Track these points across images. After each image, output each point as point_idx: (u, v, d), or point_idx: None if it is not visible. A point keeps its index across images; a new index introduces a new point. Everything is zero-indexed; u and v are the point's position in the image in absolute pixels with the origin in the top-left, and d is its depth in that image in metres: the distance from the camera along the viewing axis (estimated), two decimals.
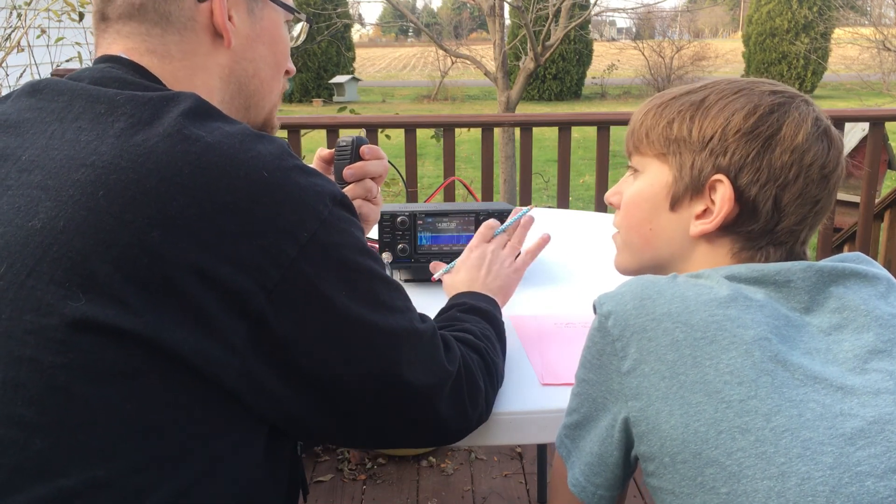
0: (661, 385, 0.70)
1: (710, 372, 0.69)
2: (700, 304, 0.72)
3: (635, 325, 0.73)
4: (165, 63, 0.79)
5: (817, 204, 0.80)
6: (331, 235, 0.69)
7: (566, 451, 0.81)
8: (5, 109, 0.74)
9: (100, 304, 0.62)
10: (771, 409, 0.66)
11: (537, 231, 1.73)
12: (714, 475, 0.67)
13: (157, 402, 0.64)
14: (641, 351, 0.72)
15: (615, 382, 0.74)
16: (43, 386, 0.61)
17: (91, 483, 0.62)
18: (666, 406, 0.70)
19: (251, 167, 0.66)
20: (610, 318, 0.75)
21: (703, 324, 0.71)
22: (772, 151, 0.78)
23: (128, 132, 0.66)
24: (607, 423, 0.75)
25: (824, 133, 0.80)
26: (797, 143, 0.78)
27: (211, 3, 0.81)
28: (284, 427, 0.73)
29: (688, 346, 0.70)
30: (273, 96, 0.91)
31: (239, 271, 0.64)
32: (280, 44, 0.89)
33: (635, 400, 0.72)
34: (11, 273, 0.63)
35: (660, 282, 0.76)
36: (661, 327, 0.72)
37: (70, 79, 0.75)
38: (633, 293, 0.75)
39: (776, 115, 0.79)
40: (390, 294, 0.75)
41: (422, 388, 0.76)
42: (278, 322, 0.66)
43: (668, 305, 0.73)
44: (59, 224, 0.63)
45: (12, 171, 0.68)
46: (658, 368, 0.71)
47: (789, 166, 0.78)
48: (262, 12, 0.86)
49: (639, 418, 0.72)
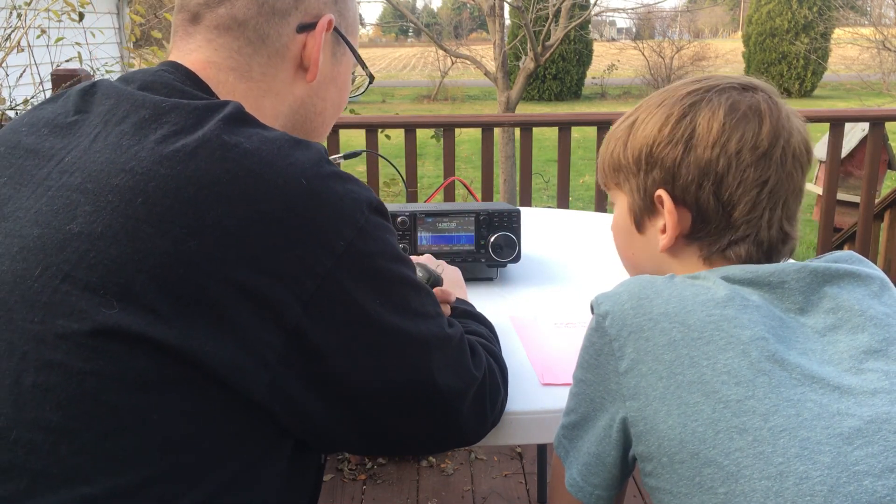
0: (659, 385, 0.70)
1: (708, 372, 0.69)
2: (697, 304, 0.72)
3: (632, 324, 0.73)
4: (242, 82, 0.79)
5: (766, 184, 0.80)
6: (367, 244, 0.69)
7: (564, 452, 0.82)
8: (55, 109, 0.75)
9: (133, 312, 0.61)
10: (768, 408, 0.67)
11: (537, 231, 1.74)
12: (712, 475, 0.67)
13: (184, 412, 0.63)
14: (639, 351, 0.72)
15: (612, 382, 0.74)
16: (71, 391, 0.61)
17: (115, 491, 0.62)
18: (663, 406, 0.70)
19: (290, 175, 0.66)
20: (607, 318, 0.75)
21: (700, 324, 0.71)
22: (693, 152, 0.80)
23: (169, 139, 0.66)
24: (605, 423, 0.75)
25: (748, 114, 0.80)
26: (713, 136, 0.79)
27: (307, 36, 0.82)
28: (308, 439, 0.73)
29: (685, 346, 0.70)
30: (324, 134, 0.93)
31: (275, 282, 0.64)
32: (346, 90, 0.92)
33: (633, 400, 0.72)
34: (46, 276, 0.63)
35: (657, 282, 0.76)
36: (659, 327, 0.72)
37: (122, 81, 0.75)
38: (631, 293, 0.76)
39: (689, 117, 0.81)
40: (422, 300, 0.75)
41: (451, 394, 0.76)
42: (314, 333, 0.66)
43: (665, 305, 0.73)
44: (96, 230, 0.63)
45: (54, 172, 0.69)
46: (655, 368, 0.71)
47: (715, 160, 0.79)
48: (342, 57, 0.89)
49: (636, 418, 0.72)
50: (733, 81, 0.83)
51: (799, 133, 0.81)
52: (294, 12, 0.81)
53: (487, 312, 1.06)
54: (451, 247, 1.38)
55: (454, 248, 1.37)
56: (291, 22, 0.81)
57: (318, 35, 0.82)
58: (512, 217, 1.37)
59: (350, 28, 0.89)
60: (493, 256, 1.36)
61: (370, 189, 0.72)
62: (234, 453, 0.66)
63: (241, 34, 0.79)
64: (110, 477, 0.62)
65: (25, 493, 0.61)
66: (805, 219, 5.53)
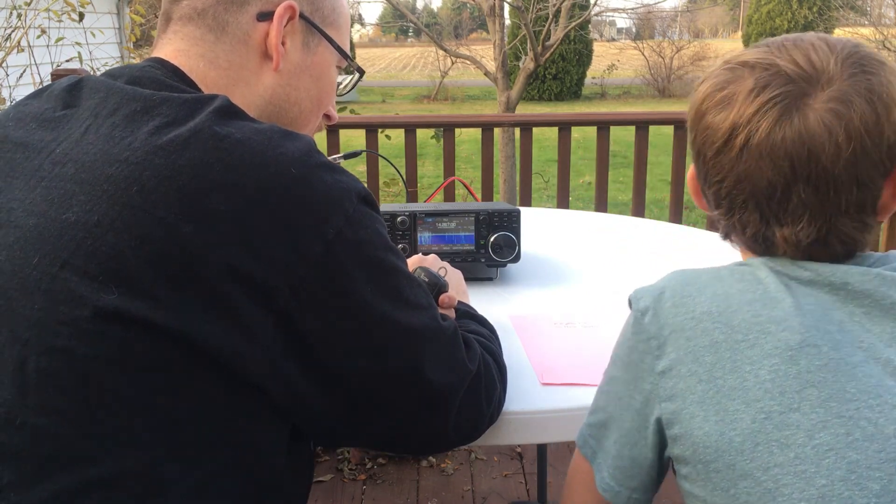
0: (698, 388, 0.66)
1: (750, 378, 0.64)
2: (743, 303, 0.67)
3: (674, 323, 0.69)
4: (210, 69, 0.81)
5: (721, 183, 0.72)
6: (356, 232, 0.70)
7: (590, 452, 0.78)
8: (41, 104, 0.76)
9: (131, 297, 0.63)
10: (815, 424, 0.61)
11: (537, 231, 1.74)
12: (748, 489, 0.63)
13: (184, 394, 0.65)
14: (679, 351, 0.68)
15: (648, 382, 0.71)
16: (75, 376, 0.63)
17: (120, 472, 0.63)
18: (701, 411, 0.66)
19: (279, 164, 0.68)
20: (647, 315, 0.71)
21: (744, 325, 0.66)
22: (690, 129, 0.77)
23: (161, 130, 0.68)
24: (638, 425, 0.72)
25: (723, 100, 0.72)
26: (692, 118, 0.75)
27: (269, 24, 0.83)
28: (304, 425, 0.74)
29: (727, 349, 0.66)
30: (308, 130, 0.92)
31: (266, 268, 0.65)
32: (326, 81, 0.91)
33: (669, 402, 0.69)
34: (45, 264, 0.65)
35: (702, 277, 0.72)
36: (701, 327, 0.68)
37: (108, 76, 0.77)
38: (673, 289, 0.71)
39: (697, 90, 0.77)
40: (413, 291, 0.76)
41: (442, 387, 0.76)
42: (303, 318, 0.67)
43: (708, 304, 0.68)
44: (93, 218, 0.65)
45: (45, 164, 0.70)
46: (695, 370, 0.67)
47: (692, 142, 0.76)
48: (316, 48, 0.88)
49: (672, 421, 0.69)
50: (767, 57, 0.71)
51: (778, 129, 0.68)
52: (254, 1, 0.82)
53: (487, 312, 1.06)
54: (451, 247, 1.38)
55: (454, 247, 1.38)
56: (250, 10, 0.82)
57: (276, 22, 0.82)
58: (512, 217, 1.37)
59: (327, 19, 0.89)
60: (493, 256, 1.36)
61: (359, 181, 0.73)
62: (234, 435, 0.68)
63: (202, 22, 0.81)
64: (115, 459, 0.63)
65: (32, 477, 0.63)
66: None
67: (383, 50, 52.05)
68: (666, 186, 5.45)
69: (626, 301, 0.77)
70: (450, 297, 1.01)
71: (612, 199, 6.74)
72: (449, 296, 1.01)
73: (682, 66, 19.16)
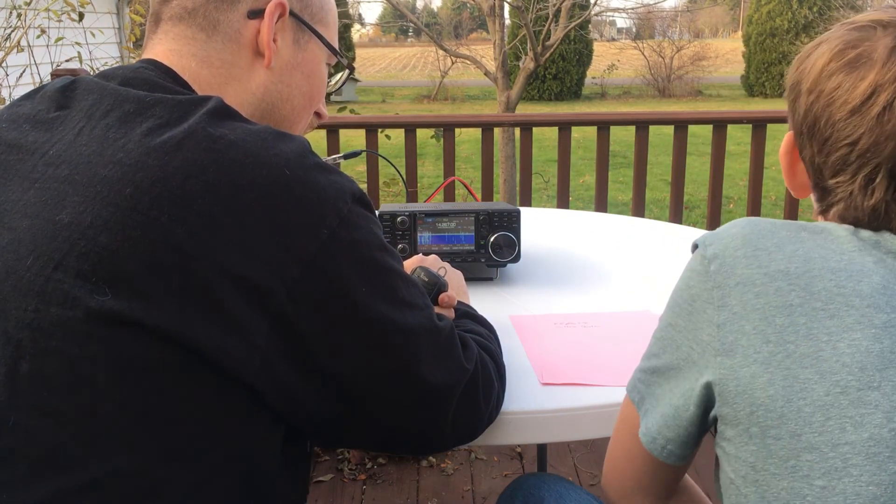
0: (764, 349, 0.63)
1: (827, 350, 0.61)
2: (826, 270, 0.63)
3: (743, 275, 0.65)
4: (203, 68, 0.81)
5: (855, 145, 0.69)
6: (350, 233, 0.70)
7: (639, 396, 0.76)
8: (34, 105, 0.76)
9: (125, 298, 0.63)
10: (895, 406, 0.58)
11: (537, 231, 1.74)
12: (811, 463, 0.60)
13: (178, 396, 0.65)
14: (745, 306, 0.65)
15: (705, 333, 0.67)
16: (68, 377, 0.63)
17: (113, 474, 0.63)
18: (766, 372, 0.62)
19: (273, 165, 0.67)
20: (714, 262, 0.68)
21: (825, 294, 0.62)
22: (800, 94, 0.74)
23: (155, 132, 0.68)
24: (691, 376, 0.69)
25: (855, 60, 0.70)
26: (811, 81, 0.73)
27: (259, 21, 0.83)
28: (300, 425, 0.74)
29: (803, 315, 0.62)
30: (299, 127, 0.92)
31: (261, 268, 0.65)
32: (317, 78, 0.91)
33: (726, 356, 0.65)
34: (38, 265, 0.65)
35: (780, 232, 0.68)
36: (774, 286, 0.64)
37: (101, 77, 0.77)
38: (747, 239, 0.68)
39: (812, 55, 0.75)
40: (409, 291, 0.76)
41: (439, 386, 0.76)
42: (298, 319, 0.67)
43: (786, 262, 0.64)
44: (86, 219, 0.64)
45: (39, 165, 0.70)
46: (763, 329, 0.63)
47: (809, 108, 0.73)
48: (306, 45, 0.89)
49: (727, 377, 0.65)
50: (891, 17, 0.71)
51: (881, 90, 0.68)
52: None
53: (487, 312, 1.06)
54: (451, 247, 1.38)
55: (454, 247, 1.38)
56: (241, 8, 0.82)
57: (268, 19, 0.83)
58: (512, 217, 1.37)
59: (316, 15, 0.89)
60: (493, 256, 1.36)
61: (354, 181, 0.73)
62: (228, 436, 0.68)
63: (193, 22, 0.82)
64: (108, 460, 0.63)
65: (25, 478, 0.63)
66: (805, 218, 5.53)
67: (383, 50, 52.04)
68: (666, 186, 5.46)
69: (625, 302, 0.76)
70: (449, 297, 1.01)
71: (612, 199, 6.74)
72: (448, 295, 1.01)
73: (682, 65, 19.16)
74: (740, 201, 6.97)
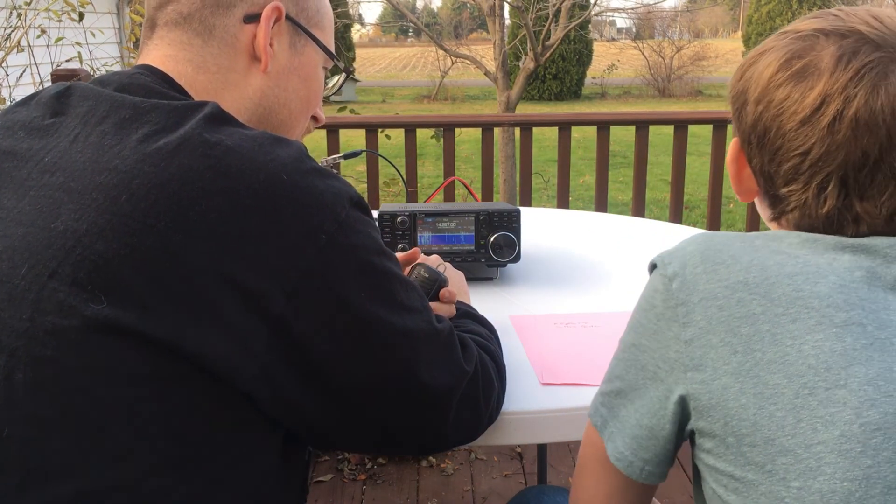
0: (733, 360, 0.64)
1: (792, 353, 0.61)
2: (783, 276, 0.64)
3: (705, 290, 0.66)
4: (199, 73, 0.81)
5: (806, 154, 0.70)
6: (349, 237, 0.70)
7: (601, 420, 0.76)
8: (29, 112, 0.75)
9: (121, 307, 0.62)
10: (862, 402, 0.59)
11: (537, 231, 1.74)
12: (787, 466, 0.60)
13: (175, 404, 0.64)
14: (710, 320, 0.65)
15: (672, 350, 0.68)
16: (63, 387, 0.62)
17: (109, 484, 0.63)
18: (736, 382, 0.63)
19: (270, 170, 0.67)
20: (675, 280, 0.68)
21: (785, 299, 0.63)
22: (747, 103, 0.75)
23: (151, 138, 0.67)
24: (660, 395, 0.69)
25: (803, 70, 0.70)
26: (759, 90, 0.73)
27: (255, 26, 0.83)
28: (299, 431, 0.73)
29: (766, 322, 0.63)
30: (297, 132, 0.92)
31: (259, 274, 0.64)
32: (314, 82, 0.91)
33: (697, 371, 0.66)
34: (33, 274, 0.64)
35: (733, 244, 0.69)
36: (736, 297, 0.65)
37: (96, 83, 0.76)
38: (704, 255, 0.68)
39: (757, 64, 0.76)
40: (407, 294, 0.75)
41: (439, 389, 0.76)
42: (298, 324, 0.67)
43: (744, 274, 0.65)
44: (81, 227, 0.64)
45: (34, 172, 0.69)
46: (729, 341, 0.64)
47: (758, 117, 0.73)
48: (303, 49, 0.88)
49: (700, 391, 0.65)
50: (841, 24, 0.70)
51: (875, 97, 0.67)
52: (240, 3, 0.82)
53: (487, 312, 1.06)
54: (451, 247, 1.38)
55: (454, 247, 1.38)
56: (237, 13, 0.82)
57: (264, 24, 0.83)
58: (512, 217, 1.37)
59: (312, 19, 0.89)
60: (493, 256, 1.36)
61: (351, 185, 0.73)
62: (226, 446, 0.67)
63: (189, 27, 0.81)
64: (104, 471, 0.62)
65: (19, 488, 0.62)
66: None
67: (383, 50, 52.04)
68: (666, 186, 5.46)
69: (625, 302, 0.76)
70: (450, 292, 1.00)
71: (612, 199, 6.74)
72: (449, 290, 1.01)
73: (682, 65, 19.16)
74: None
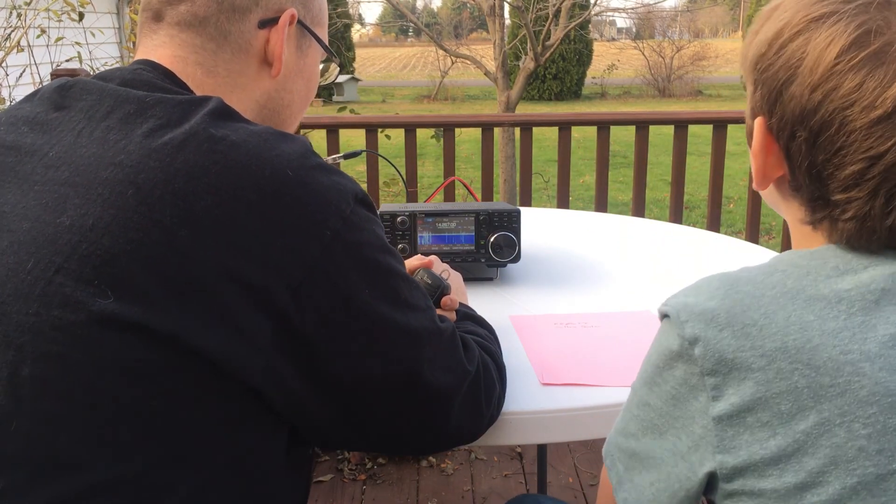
0: (771, 444, 0.55)
1: (840, 434, 0.53)
2: (826, 333, 0.55)
3: (736, 360, 0.56)
4: (208, 77, 0.80)
5: (879, 158, 0.57)
6: (353, 234, 0.70)
7: (617, 478, 0.68)
8: (32, 108, 0.75)
9: (127, 302, 0.62)
10: None
11: (537, 231, 1.74)
12: None
13: (181, 399, 0.64)
14: (744, 396, 0.56)
15: (699, 425, 0.59)
16: (69, 382, 0.63)
17: (116, 478, 0.63)
18: (775, 470, 0.55)
19: (276, 166, 0.67)
20: (697, 346, 0.58)
21: (831, 366, 0.54)
22: (794, 85, 0.61)
23: (156, 132, 0.67)
24: (682, 474, 0.60)
25: (881, 52, 0.57)
26: (819, 74, 0.59)
27: (269, 31, 0.82)
28: (302, 428, 0.74)
29: (811, 397, 0.54)
30: (293, 128, 0.92)
31: (264, 270, 0.65)
32: (314, 81, 0.92)
33: (727, 454, 0.57)
34: (39, 269, 0.64)
35: (764, 297, 0.58)
36: (774, 367, 0.55)
37: (99, 78, 0.76)
38: (730, 314, 0.58)
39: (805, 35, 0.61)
40: (411, 292, 0.76)
41: (441, 388, 0.76)
42: (302, 320, 0.67)
43: (782, 336, 0.55)
44: (87, 222, 0.64)
45: (38, 167, 0.69)
46: (766, 421, 0.55)
47: (815, 107, 0.60)
48: (307, 50, 0.89)
49: (732, 476, 0.57)
50: None
51: None
52: (255, 8, 0.81)
53: (487, 312, 1.06)
54: (451, 247, 1.38)
55: (454, 247, 1.37)
56: (252, 18, 0.81)
57: (281, 30, 0.82)
58: (512, 217, 1.37)
59: (316, 19, 0.89)
60: (493, 256, 1.36)
61: (356, 182, 0.73)
62: (231, 440, 0.67)
63: (203, 31, 0.80)
64: (110, 465, 0.63)
65: (27, 482, 0.63)
66: None
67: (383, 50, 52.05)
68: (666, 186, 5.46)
69: (625, 302, 0.74)
70: (451, 300, 1.01)
71: (612, 199, 6.74)
72: (451, 298, 1.01)
73: (682, 65, 19.16)
74: (740, 201, 6.97)
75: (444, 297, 1.00)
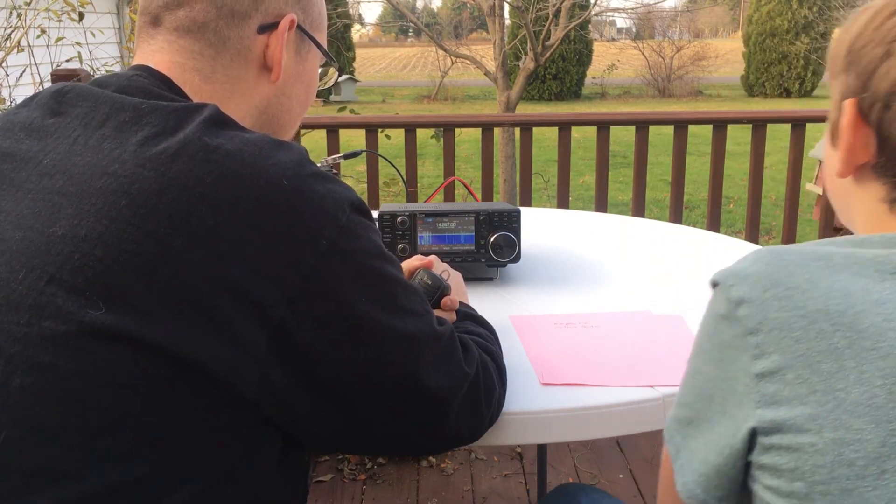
0: (811, 399, 0.56)
1: (881, 394, 0.54)
2: (870, 301, 0.56)
3: (777, 319, 0.59)
4: (206, 83, 0.80)
5: None
6: (349, 242, 0.69)
7: (675, 449, 0.69)
8: (29, 113, 0.75)
9: (120, 313, 0.62)
10: None
11: (537, 231, 1.74)
12: None
13: (174, 409, 0.64)
14: (785, 353, 0.58)
15: (741, 384, 0.61)
16: (61, 392, 0.62)
17: (108, 487, 0.62)
18: (814, 425, 0.56)
19: (271, 175, 0.67)
20: (742, 307, 0.61)
21: (874, 331, 0.55)
22: (892, 58, 0.63)
23: (151, 141, 0.67)
24: (728, 431, 0.63)
25: None
26: None
27: (269, 36, 0.82)
28: (299, 435, 0.73)
29: (852, 357, 0.55)
30: (293, 133, 0.92)
31: (260, 280, 0.64)
32: (313, 85, 0.91)
33: (769, 409, 0.59)
34: (31, 279, 0.64)
35: (810, 265, 0.60)
36: (815, 328, 0.57)
37: (96, 84, 0.75)
38: (774, 278, 0.60)
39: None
40: (409, 298, 0.75)
41: (440, 392, 0.76)
42: (299, 329, 0.66)
43: (824, 301, 0.57)
44: (80, 232, 0.63)
45: (33, 175, 0.69)
46: (807, 378, 0.57)
47: None
48: (307, 55, 0.88)
49: (771, 430, 0.59)
50: None
51: None
52: (254, 14, 0.81)
53: (487, 312, 1.06)
54: (451, 247, 1.38)
55: (454, 247, 1.38)
56: (252, 24, 0.81)
57: (281, 35, 0.82)
58: (512, 217, 1.37)
59: (315, 24, 0.88)
60: (493, 256, 1.36)
61: (352, 189, 0.73)
62: (225, 449, 0.67)
63: (202, 37, 0.79)
64: (102, 475, 0.62)
65: (18, 492, 0.62)
66: (805, 219, 5.54)
67: (383, 50, 52.03)
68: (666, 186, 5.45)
69: (625, 302, 0.75)
70: (452, 300, 1.00)
71: (612, 199, 6.74)
72: (451, 298, 1.01)
73: (682, 65, 19.16)
74: (740, 201, 6.97)
75: (445, 298, 1.00)
